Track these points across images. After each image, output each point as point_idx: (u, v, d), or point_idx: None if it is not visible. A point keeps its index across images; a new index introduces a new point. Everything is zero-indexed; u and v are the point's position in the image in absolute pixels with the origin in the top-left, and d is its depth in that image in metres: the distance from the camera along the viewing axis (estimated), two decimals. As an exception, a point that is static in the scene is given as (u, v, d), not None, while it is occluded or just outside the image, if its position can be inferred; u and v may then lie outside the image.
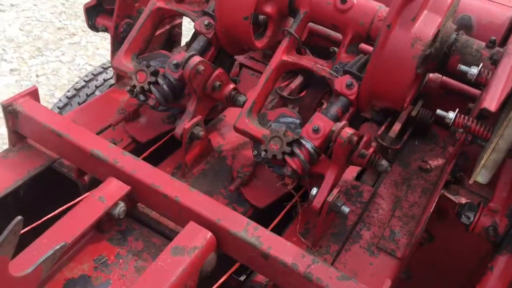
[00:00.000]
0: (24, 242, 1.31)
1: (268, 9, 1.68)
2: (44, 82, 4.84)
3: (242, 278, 1.65)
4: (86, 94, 2.98)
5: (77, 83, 2.90)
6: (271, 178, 1.73)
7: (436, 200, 1.68)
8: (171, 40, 2.20)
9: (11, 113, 1.64)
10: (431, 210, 1.63)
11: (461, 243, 1.86)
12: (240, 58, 2.25)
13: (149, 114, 1.89)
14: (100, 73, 3.11)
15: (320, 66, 1.61)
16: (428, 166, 1.91)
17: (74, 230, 1.37)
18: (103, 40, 5.40)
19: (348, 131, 1.40)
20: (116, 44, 1.95)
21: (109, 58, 3.37)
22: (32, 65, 5.04)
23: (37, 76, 4.90)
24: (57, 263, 1.39)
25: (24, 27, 5.48)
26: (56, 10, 5.77)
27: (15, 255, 1.25)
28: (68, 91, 3.02)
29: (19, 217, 0.98)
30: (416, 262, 1.86)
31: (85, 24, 2.10)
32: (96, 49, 5.32)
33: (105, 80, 3.06)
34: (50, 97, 4.66)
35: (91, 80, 2.93)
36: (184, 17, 1.95)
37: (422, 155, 1.97)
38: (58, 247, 1.11)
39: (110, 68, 3.12)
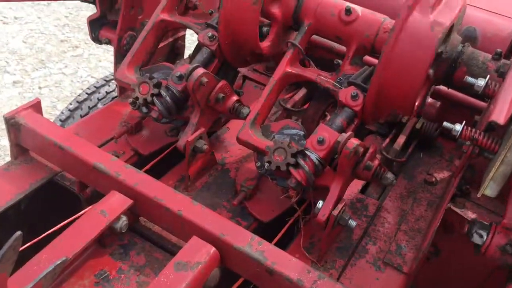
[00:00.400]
0: (24, 256, 1.29)
1: (275, 9, 1.65)
2: (46, 94, 4.84)
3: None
4: (89, 106, 2.97)
5: (79, 95, 2.89)
6: (275, 191, 1.71)
7: (443, 213, 1.65)
8: (175, 52, 2.20)
9: (13, 126, 1.63)
10: (438, 223, 1.61)
11: (469, 257, 1.83)
12: (243, 71, 2.24)
13: (152, 127, 1.88)
14: (103, 85, 3.11)
15: (324, 78, 1.60)
16: (434, 179, 1.88)
17: (76, 244, 1.35)
18: (106, 53, 5.42)
19: (354, 142, 1.38)
20: (119, 57, 1.95)
21: (111, 70, 3.38)
22: (35, 77, 5.05)
23: (39, 88, 4.91)
24: (57, 278, 1.37)
25: (28, 39, 5.51)
26: (60, 23, 5.80)
27: (15, 269, 1.23)
28: (70, 103, 3.01)
29: (19, 232, 0.96)
30: (423, 277, 1.82)
31: (88, 37, 2.09)
32: (99, 61, 5.34)
33: (107, 93, 3.05)
34: (53, 109, 4.66)
35: (93, 92, 2.93)
36: (187, 29, 1.95)
37: (427, 168, 1.95)
38: (58, 262, 1.08)
39: (113, 81, 3.12)
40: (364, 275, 1.53)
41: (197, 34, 1.73)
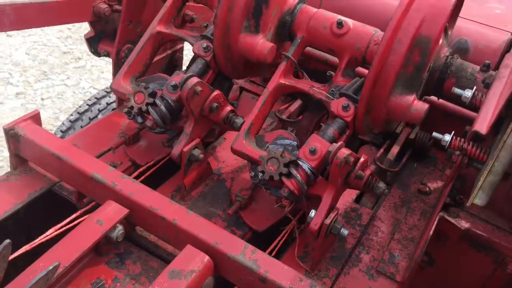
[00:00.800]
0: (22, 266, 1.32)
1: None
2: (49, 105, 4.89)
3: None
4: (89, 117, 3.01)
5: (80, 106, 2.93)
6: (270, 201, 1.73)
7: (436, 223, 1.67)
8: (173, 64, 2.24)
9: (13, 137, 1.66)
10: (430, 232, 1.62)
11: (464, 265, 1.84)
12: (240, 82, 2.28)
13: (149, 138, 1.91)
14: (103, 96, 3.15)
15: (316, 89, 1.63)
16: (427, 189, 1.90)
17: (72, 253, 1.37)
18: (108, 64, 5.47)
19: (345, 151, 1.40)
20: (117, 69, 1.99)
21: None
22: (37, 89, 5.11)
23: (42, 99, 4.96)
24: (54, 286, 1.39)
25: (31, 51, 5.58)
26: (62, 35, 5.88)
27: (12, 279, 1.26)
28: (71, 114, 3.06)
29: (7, 241, 0.98)
30: (418, 287, 1.84)
31: None
32: (101, 72, 5.40)
33: (108, 104, 3.09)
34: (55, 120, 4.71)
35: (94, 104, 2.97)
36: (185, 42, 1.98)
37: (421, 178, 1.97)
38: (51, 267, 1.11)
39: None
40: (357, 283, 1.54)
41: (192, 45, 1.76)
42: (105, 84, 5.15)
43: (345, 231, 1.50)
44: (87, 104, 2.89)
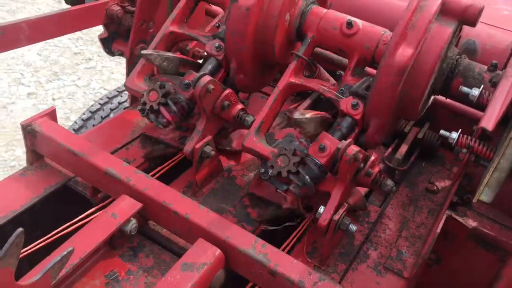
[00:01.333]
0: (37, 261, 1.35)
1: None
2: (60, 105, 4.96)
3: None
4: (101, 116, 3.06)
5: (92, 105, 2.98)
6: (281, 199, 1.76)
7: (443, 221, 1.69)
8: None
9: (30, 133, 1.71)
10: (438, 230, 1.65)
11: (471, 264, 1.86)
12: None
13: (162, 135, 1.95)
14: (115, 96, 3.21)
15: (326, 88, 1.67)
16: (435, 188, 1.93)
17: (87, 245, 1.41)
18: (118, 65, 5.54)
19: (354, 148, 1.43)
20: (131, 68, 2.03)
21: (123, 82, 3.48)
22: (48, 89, 5.18)
23: (53, 99, 5.03)
24: (69, 277, 1.43)
25: (42, 52, 5.65)
26: (73, 36, 5.95)
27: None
28: (84, 113, 3.11)
29: (20, 229, 1.01)
30: (425, 285, 1.86)
31: (101, 49, 2.20)
32: (111, 73, 5.46)
33: (119, 103, 3.14)
34: (66, 120, 4.77)
35: (106, 103, 3.02)
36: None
37: (429, 177, 1.99)
38: (65, 252, 1.14)
39: (125, 92, 3.22)
40: (365, 279, 1.57)
41: (205, 45, 1.80)
42: (115, 85, 5.21)
43: (353, 227, 1.52)
44: (99, 103, 2.94)
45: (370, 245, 1.68)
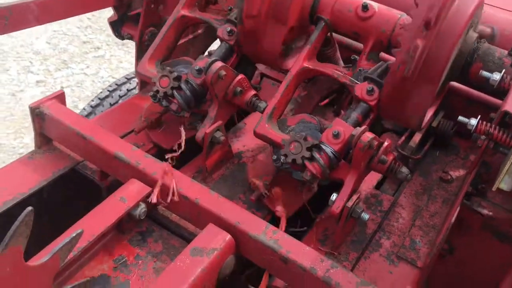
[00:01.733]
0: (45, 244, 1.34)
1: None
2: (68, 93, 4.95)
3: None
4: (110, 103, 3.04)
5: (101, 92, 2.96)
6: (292, 188, 1.73)
7: (458, 210, 1.66)
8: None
9: (38, 116, 1.69)
10: (452, 220, 1.61)
11: (485, 255, 1.83)
12: (261, 68, 2.27)
13: (171, 121, 1.92)
14: (124, 83, 3.19)
15: (340, 73, 1.63)
16: (449, 177, 1.89)
17: (96, 228, 1.39)
18: (127, 54, 5.52)
19: (369, 135, 1.40)
20: (140, 52, 2.00)
21: (131, 71, 3.45)
22: (57, 77, 5.17)
23: (62, 87, 5.02)
24: (78, 261, 1.41)
25: (51, 40, 5.64)
26: (82, 24, 5.93)
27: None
28: (92, 100, 3.09)
29: (30, 208, 0.99)
30: (438, 276, 1.83)
31: (109, 38, 2.18)
32: (120, 62, 5.44)
33: (128, 90, 3.12)
34: (74, 108, 4.77)
35: (115, 90, 3.00)
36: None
37: (443, 166, 1.95)
38: (74, 234, 1.12)
39: (134, 79, 3.20)
40: (378, 268, 1.54)
41: (217, 29, 1.77)
42: (123, 74, 5.19)
43: (365, 216, 1.49)
44: (108, 90, 2.92)
45: (382, 233, 1.65)
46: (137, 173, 1.53)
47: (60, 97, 1.74)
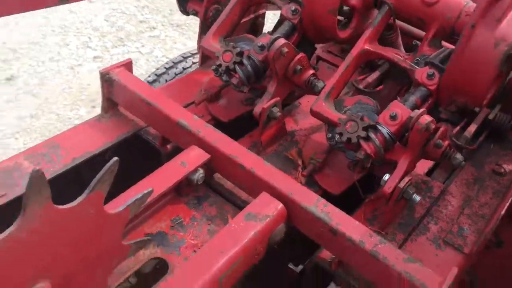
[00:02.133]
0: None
1: (353, 1, 1.74)
2: (123, 70, 5.13)
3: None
4: (166, 80, 3.15)
5: (158, 69, 3.07)
6: (343, 167, 1.77)
7: (509, 203, 1.65)
8: (254, 29, 2.31)
9: (107, 81, 1.79)
10: (503, 211, 1.61)
11: None
12: (318, 51, 2.31)
13: (229, 96, 2.00)
14: (180, 61, 3.29)
15: (400, 58, 1.65)
16: (503, 170, 1.87)
17: (157, 189, 1.48)
18: (181, 36, 5.65)
19: (427, 118, 1.42)
20: (204, 28, 2.08)
21: (187, 50, 3.55)
22: (113, 54, 5.37)
23: (117, 64, 5.21)
24: (138, 217, 1.51)
25: (109, 18, 5.85)
26: (139, 4, 6.11)
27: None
28: (149, 76, 3.21)
29: (116, 158, 1.07)
30: (483, 268, 1.82)
31: (165, 19, 2.26)
32: (174, 43, 5.58)
33: (184, 69, 3.22)
34: (128, 85, 4.94)
35: (171, 67, 3.10)
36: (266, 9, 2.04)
37: (496, 159, 1.94)
38: (146, 191, 1.20)
39: (190, 58, 3.30)
40: (424, 250, 1.56)
41: (280, 8, 1.82)
42: (177, 54, 5.33)
43: (417, 197, 1.52)
44: (165, 68, 3.03)
45: (430, 218, 1.67)
46: (198, 141, 1.61)
47: (127, 65, 1.84)
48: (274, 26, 1.86)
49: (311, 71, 1.76)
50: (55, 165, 1.66)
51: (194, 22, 5.71)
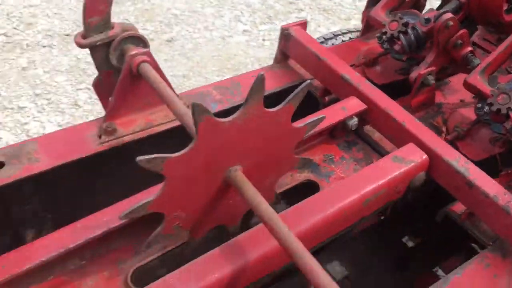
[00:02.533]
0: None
1: None
2: (268, 46, 5.54)
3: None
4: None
5: (317, 38, 3.36)
6: (485, 140, 1.90)
7: None
8: (417, 7, 2.47)
9: (285, 36, 2.11)
10: None
11: None
12: (474, 38, 2.42)
13: (385, 63, 2.21)
14: (330, 38, 3.54)
15: None
16: None
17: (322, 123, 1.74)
18: (326, 20, 5.91)
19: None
20: (371, 1, 2.31)
21: (325, 35, 3.80)
22: (261, 30, 5.80)
23: (263, 40, 5.63)
24: (297, 148, 1.80)
25: (262, -4, 6.29)
26: (291, -15, 6.48)
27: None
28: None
29: (308, 81, 1.35)
30: None
31: (313, 3, 2.49)
32: (318, 26, 5.86)
33: (343, 41, 3.46)
34: (270, 60, 5.34)
35: (330, 38, 3.37)
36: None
37: None
38: (318, 117, 1.48)
39: (339, 36, 3.54)
40: None
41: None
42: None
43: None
44: (324, 38, 3.31)
45: None
46: (357, 93, 1.86)
47: (303, 25, 2.15)
48: (440, 3, 2.03)
49: (470, 48, 1.91)
50: (234, 98, 2.02)
51: (340, 8, 5.95)
